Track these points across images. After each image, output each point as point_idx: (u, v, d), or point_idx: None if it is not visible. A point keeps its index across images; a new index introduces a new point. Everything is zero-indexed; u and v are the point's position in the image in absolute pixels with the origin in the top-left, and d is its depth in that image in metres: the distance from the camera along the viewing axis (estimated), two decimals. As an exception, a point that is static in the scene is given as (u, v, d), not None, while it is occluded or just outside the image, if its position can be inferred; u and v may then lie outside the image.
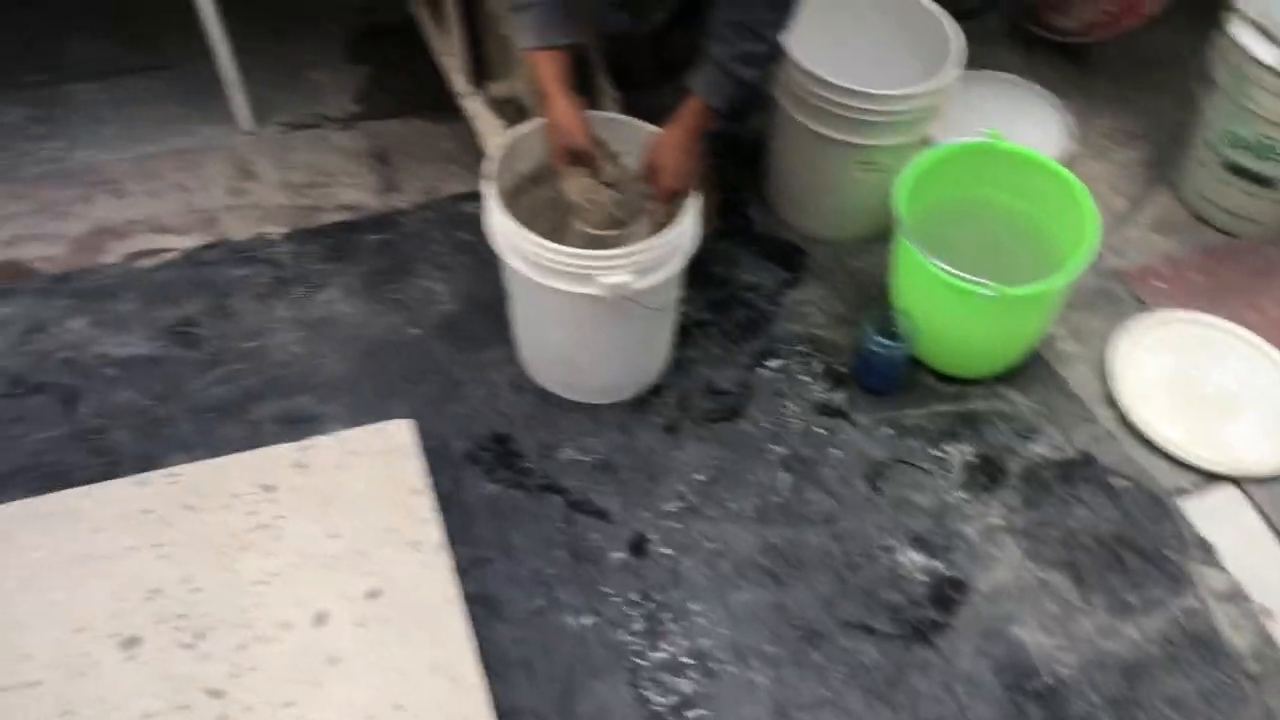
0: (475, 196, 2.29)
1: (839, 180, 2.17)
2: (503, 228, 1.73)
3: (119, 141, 2.29)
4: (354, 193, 2.26)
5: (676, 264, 1.77)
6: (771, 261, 2.27)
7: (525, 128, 1.84)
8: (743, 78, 1.68)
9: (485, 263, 2.18)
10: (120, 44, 2.48)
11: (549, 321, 1.87)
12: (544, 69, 1.72)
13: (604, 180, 1.82)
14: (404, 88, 2.49)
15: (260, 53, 2.24)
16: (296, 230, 2.18)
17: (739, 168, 2.35)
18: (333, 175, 2.29)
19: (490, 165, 1.77)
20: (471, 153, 2.38)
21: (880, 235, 2.30)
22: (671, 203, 1.78)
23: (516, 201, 1.83)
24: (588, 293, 1.70)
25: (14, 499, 1.77)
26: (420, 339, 2.04)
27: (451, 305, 2.11)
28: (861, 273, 2.26)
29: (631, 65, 2.04)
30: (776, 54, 1.71)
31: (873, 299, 2.20)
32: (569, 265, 1.68)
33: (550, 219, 1.88)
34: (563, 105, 1.72)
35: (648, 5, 2.07)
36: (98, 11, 2.53)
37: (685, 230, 1.75)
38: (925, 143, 2.10)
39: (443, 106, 2.45)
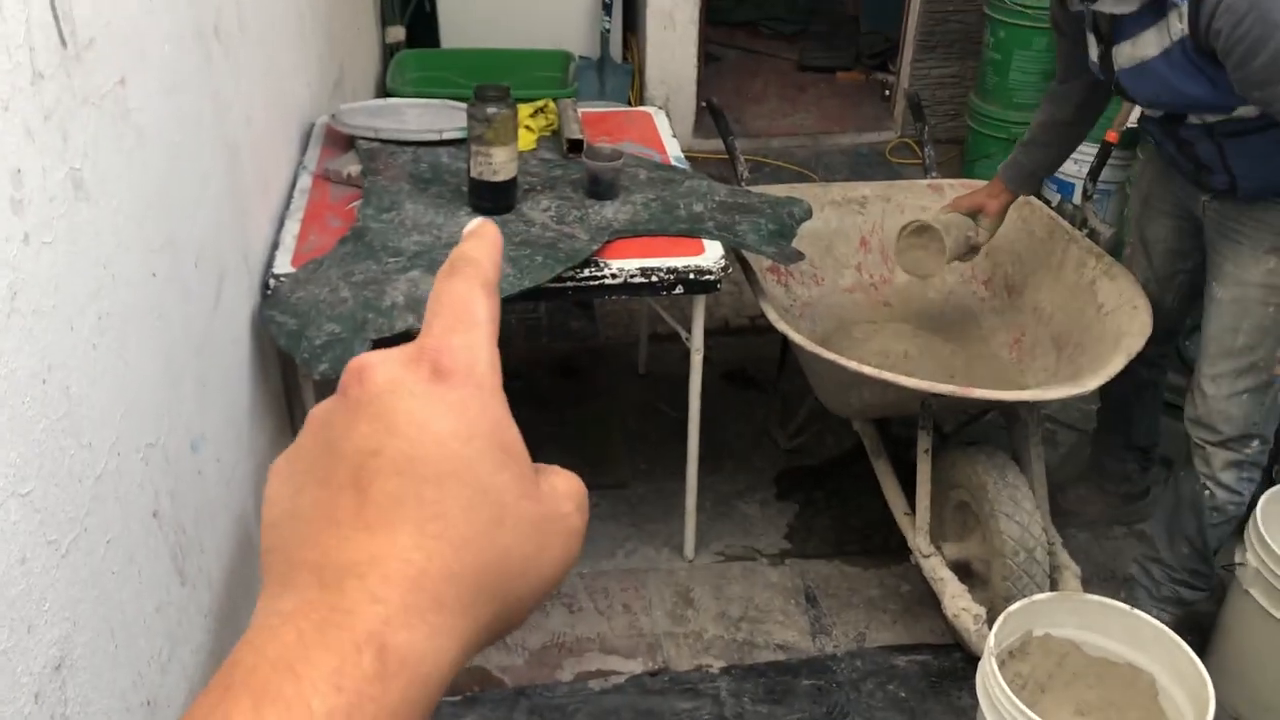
0: (904, 649, 2.31)
1: (1320, 685, 2.02)
2: (1006, 709, 1.68)
3: (575, 556, 2.46)
4: (786, 631, 2.31)
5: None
6: (1230, 760, 2.09)
7: (1018, 605, 1.85)
8: None
9: (918, 722, 2.15)
10: (574, 461, 2.71)
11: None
12: (993, 185, 2.37)
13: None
14: (828, 529, 2.59)
15: (697, 482, 2.41)
16: (734, 665, 2.22)
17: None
18: (766, 611, 2.35)
19: (991, 639, 1.77)
20: (897, 602, 2.41)
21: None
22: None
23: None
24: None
25: None
26: (861, 804, 1.96)
27: (889, 767, 2.04)
28: (1339, 789, 2.04)
29: None
30: None
31: (1355, 823, 1.98)
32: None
33: (1024, 698, 1.83)
34: (977, 199, 2.39)
35: None
36: (556, 434, 2.84)
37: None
38: None
39: (868, 552, 2.53)
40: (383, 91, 3.30)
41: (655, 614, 2.34)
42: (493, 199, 2.03)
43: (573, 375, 3.10)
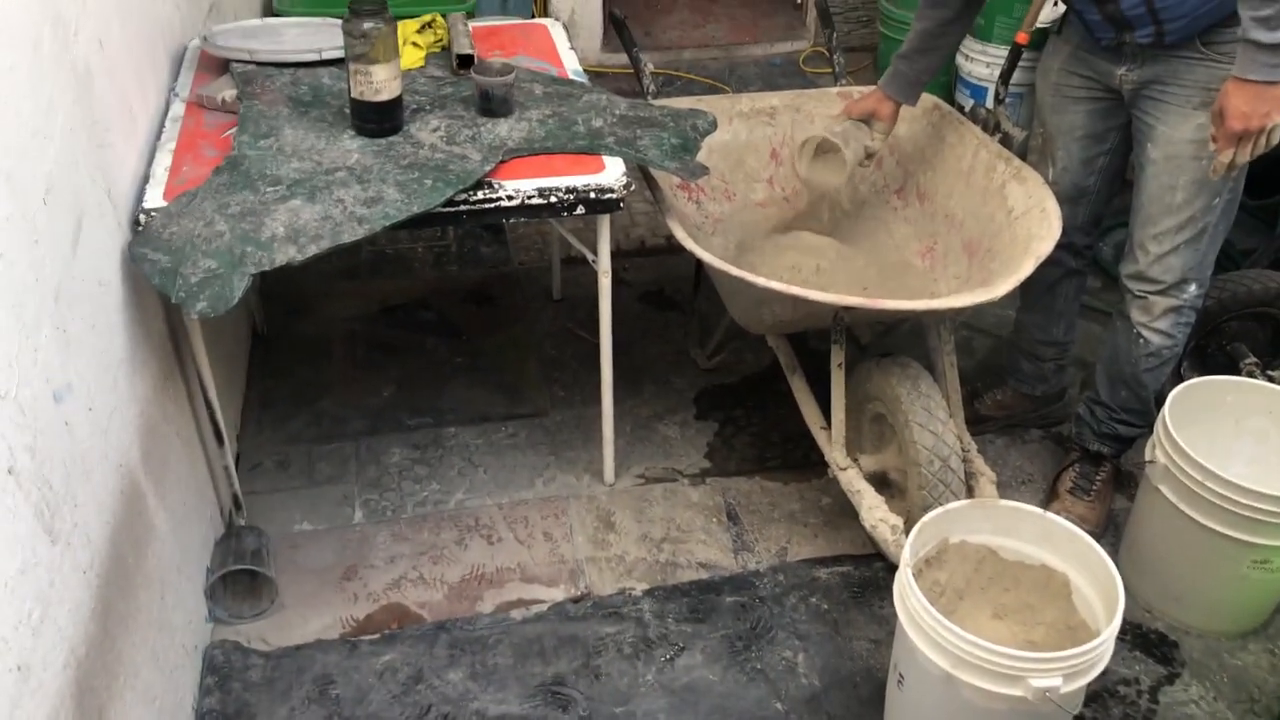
0: (826, 562, 2.32)
1: (1225, 576, 2.06)
2: (923, 617, 1.69)
3: (491, 487, 2.42)
4: (709, 550, 2.29)
5: (1101, 666, 1.68)
6: (1141, 652, 2.14)
7: (933, 514, 1.84)
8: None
9: (841, 634, 2.16)
10: (489, 391, 2.68)
11: (946, 714, 1.78)
12: (874, 94, 2.41)
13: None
14: (748, 446, 2.58)
15: (617, 406, 2.38)
16: (657, 587, 2.20)
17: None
18: (688, 531, 2.33)
19: (907, 550, 1.76)
20: (818, 516, 2.41)
21: (1259, 631, 2.18)
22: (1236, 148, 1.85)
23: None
24: (1010, 693, 1.62)
25: None
26: (785, 717, 1.97)
27: (813, 680, 2.04)
28: (1245, 673, 2.10)
29: None
30: None
31: (1259, 704, 2.04)
32: (999, 664, 1.61)
33: (942, 605, 1.84)
34: (868, 103, 2.41)
35: None
36: (470, 364, 2.77)
37: (1113, 633, 1.68)
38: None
39: (788, 467, 2.52)
40: (269, 13, 3.13)
41: (576, 540, 2.31)
42: (376, 120, 1.92)
43: (486, 303, 3.01)
